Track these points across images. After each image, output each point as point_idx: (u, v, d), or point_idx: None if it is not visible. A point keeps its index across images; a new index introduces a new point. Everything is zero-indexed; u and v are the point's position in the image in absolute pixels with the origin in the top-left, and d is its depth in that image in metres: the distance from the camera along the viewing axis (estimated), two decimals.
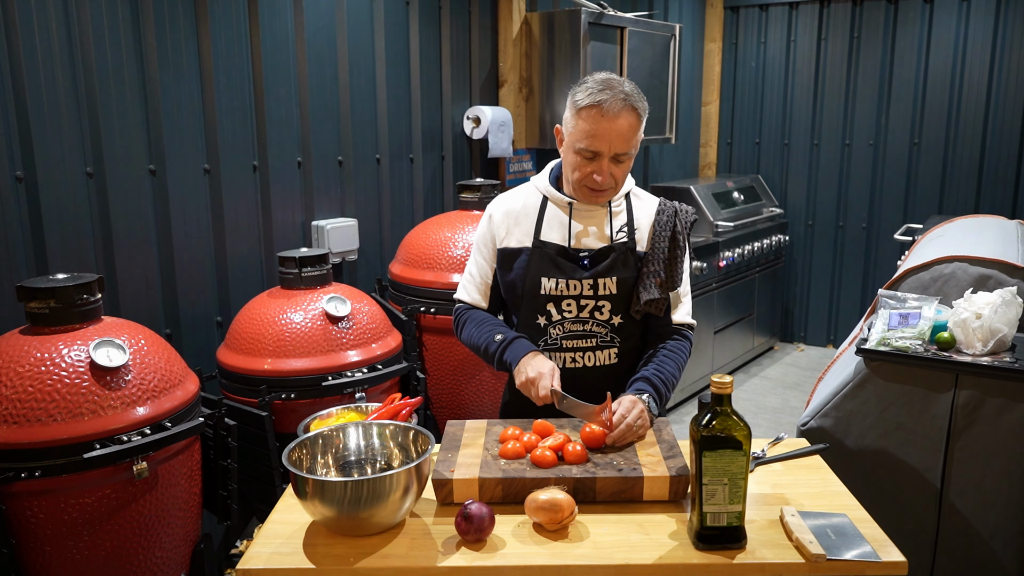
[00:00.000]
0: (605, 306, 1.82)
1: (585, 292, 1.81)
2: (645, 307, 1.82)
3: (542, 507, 1.40)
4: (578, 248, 1.83)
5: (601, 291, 1.81)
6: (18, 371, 1.86)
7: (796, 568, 1.32)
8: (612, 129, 1.71)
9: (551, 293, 1.82)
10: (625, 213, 1.87)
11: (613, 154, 1.74)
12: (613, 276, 1.81)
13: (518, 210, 1.90)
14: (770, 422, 4.39)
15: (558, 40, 3.92)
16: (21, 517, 1.86)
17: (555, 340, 1.84)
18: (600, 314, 1.82)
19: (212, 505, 2.29)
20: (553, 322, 1.83)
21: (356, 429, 1.59)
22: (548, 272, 1.82)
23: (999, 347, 2.16)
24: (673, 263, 1.83)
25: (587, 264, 1.82)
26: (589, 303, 1.82)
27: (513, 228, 1.89)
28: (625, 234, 1.85)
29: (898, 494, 2.30)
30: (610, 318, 1.83)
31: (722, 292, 4.89)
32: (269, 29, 2.88)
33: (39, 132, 2.29)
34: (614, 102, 1.71)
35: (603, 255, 1.82)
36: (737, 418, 1.32)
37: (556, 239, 1.84)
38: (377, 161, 3.38)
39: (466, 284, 1.98)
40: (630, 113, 1.72)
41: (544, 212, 1.87)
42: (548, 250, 1.83)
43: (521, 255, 1.86)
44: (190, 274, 2.73)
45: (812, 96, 5.49)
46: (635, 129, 1.75)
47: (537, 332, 1.85)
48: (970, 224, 3.45)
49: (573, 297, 1.82)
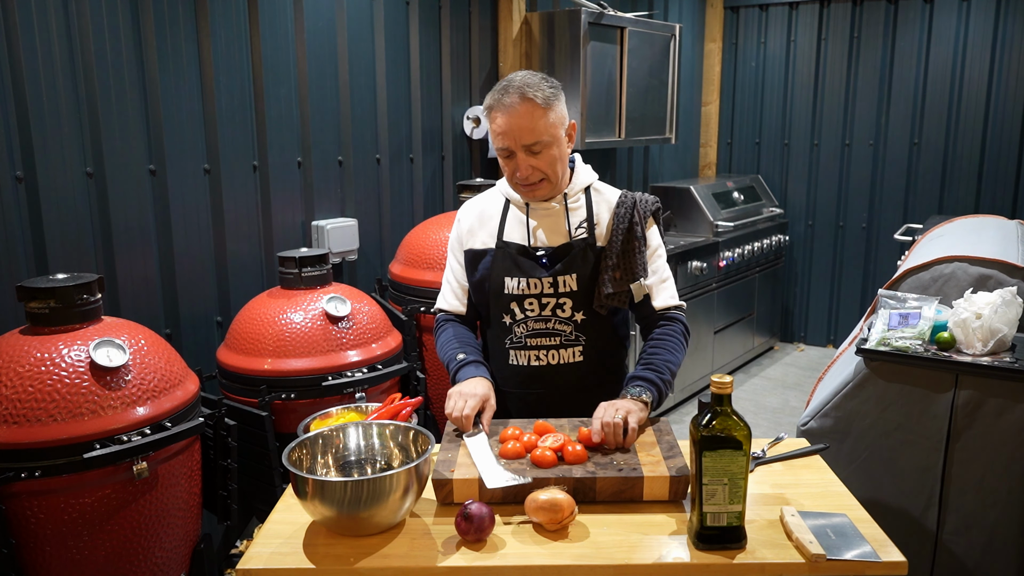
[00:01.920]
0: (566, 303, 1.83)
1: (546, 290, 1.83)
2: (607, 301, 1.82)
3: (542, 507, 1.40)
4: (537, 247, 1.85)
5: (561, 288, 1.82)
6: (18, 371, 1.86)
7: (796, 568, 1.32)
8: (511, 123, 1.72)
9: (514, 292, 1.84)
10: (584, 209, 1.87)
11: (523, 146, 1.74)
12: (572, 273, 1.82)
13: (483, 213, 1.93)
14: (770, 422, 4.39)
15: (558, 40, 3.92)
16: (21, 517, 1.86)
17: (520, 339, 1.86)
18: (562, 311, 1.84)
19: (212, 505, 2.29)
20: (517, 320, 1.85)
21: (356, 429, 1.58)
22: (510, 272, 1.84)
23: (999, 347, 2.16)
24: (630, 254, 1.82)
25: (546, 263, 1.84)
26: (550, 301, 1.83)
27: (478, 230, 1.91)
28: (584, 230, 1.85)
29: (898, 494, 2.30)
30: (572, 315, 1.84)
31: (722, 292, 4.89)
32: (269, 29, 2.88)
33: (39, 132, 2.29)
34: (508, 96, 1.72)
35: (562, 253, 1.84)
36: (737, 418, 1.32)
37: (517, 239, 1.86)
38: (377, 161, 3.38)
39: (444, 292, 2.00)
40: (525, 103, 1.71)
41: (507, 213, 1.90)
42: (510, 250, 1.85)
43: (486, 256, 1.89)
44: (190, 274, 2.73)
45: (812, 96, 5.49)
46: (536, 117, 1.72)
47: (503, 331, 1.88)
48: (970, 224, 3.45)
49: (535, 296, 1.83)
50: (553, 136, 1.76)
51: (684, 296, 4.48)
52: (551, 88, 1.76)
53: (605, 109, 4.12)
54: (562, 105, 1.79)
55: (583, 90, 3.89)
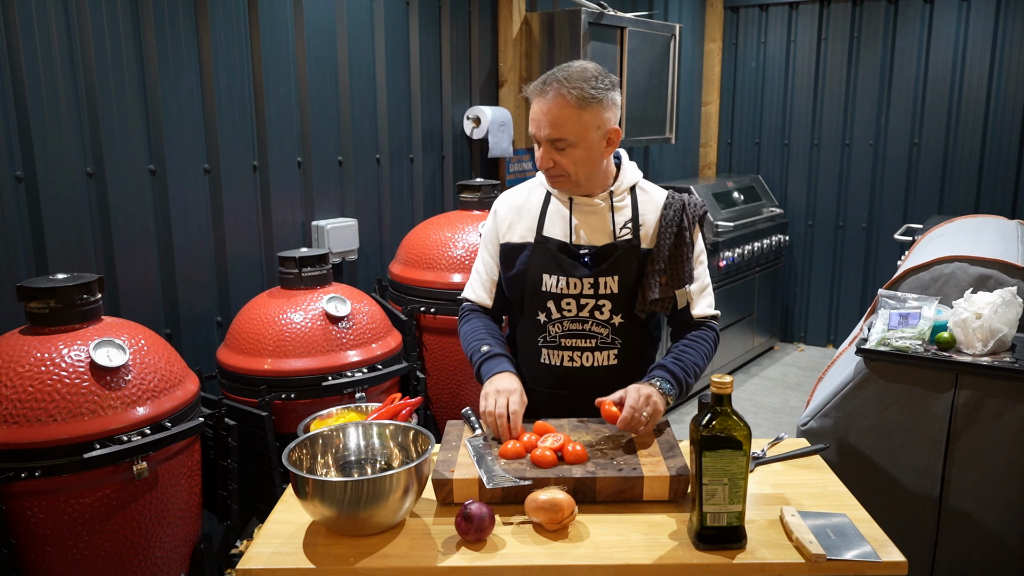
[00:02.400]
0: (606, 305, 1.79)
1: (585, 291, 1.78)
2: (651, 306, 1.79)
3: (542, 507, 1.40)
4: (579, 245, 1.80)
5: (602, 290, 1.78)
6: (18, 371, 1.86)
7: (796, 568, 1.32)
8: (541, 112, 1.71)
9: (551, 291, 1.80)
10: (629, 208, 1.83)
11: (546, 138, 1.72)
12: (615, 275, 1.78)
13: (521, 205, 1.88)
14: (770, 422, 4.39)
15: (558, 40, 3.92)
16: (21, 517, 1.86)
17: (554, 338, 1.82)
18: (600, 313, 1.79)
19: (212, 505, 2.29)
20: (552, 320, 1.81)
21: (356, 429, 1.58)
22: (550, 269, 1.80)
23: (999, 347, 2.16)
24: (678, 260, 1.80)
25: (588, 263, 1.79)
26: (589, 302, 1.79)
27: (516, 223, 1.86)
28: (629, 231, 1.80)
29: (898, 494, 2.30)
30: (610, 318, 1.80)
31: (722, 292, 4.89)
32: (269, 29, 2.88)
33: (39, 132, 2.29)
34: (546, 86, 1.71)
35: (606, 253, 1.79)
36: (737, 418, 1.32)
37: (558, 235, 1.81)
38: (377, 161, 3.38)
39: (472, 282, 1.95)
40: (558, 98, 1.68)
41: (547, 207, 1.84)
42: (550, 246, 1.80)
43: (524, 251, 1.84)
44: (190, 274, 2.73)
45: (812, 96, 5.49)
46: (565, 115, 1.68)
47: (537, 329, 1.84)
48: (970, 224, 3.45)
49: (573, 296, 1.79)
50: (581, 137, 1.70)
51: None
52: (595, 88, 1.69)
53: None
54: (605, 108, 1.71)
55: None
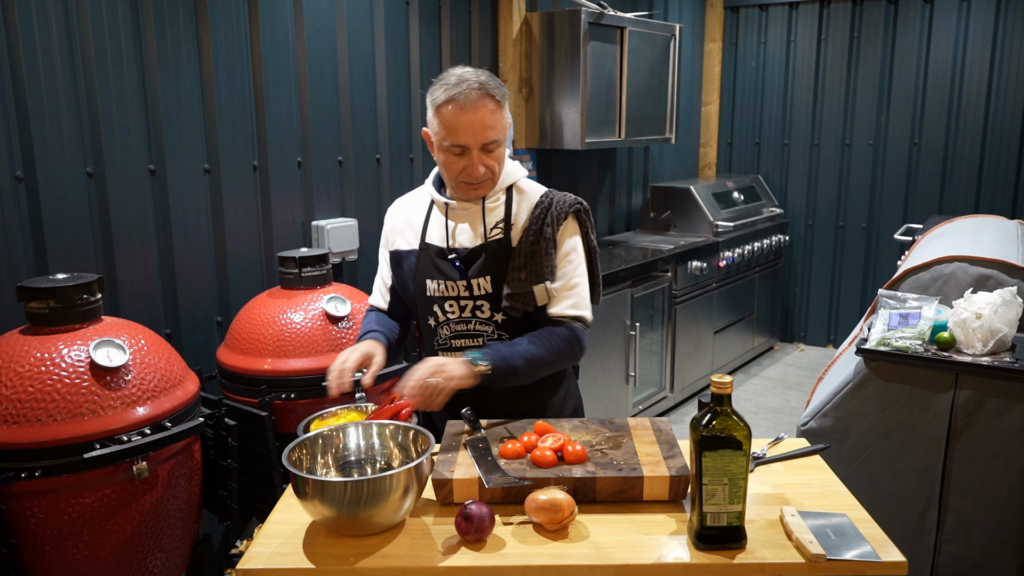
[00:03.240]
0: (483, 305, 1.82)
1: (462, 293, 1.81)
2: (509, 301, 1.78)
3: (542, 507, 1.40)
4: (455, 248, 1.83)
5: (476, 291, 1.80)
6: (18, 371, 1.86)
7: (796, 568, 1.32)
8: (473, 120, 1.70)
9: (434, 295, 1.83)
10: (503, 208, 1.83)
11: (480, 144, 1.72)
12: (487, 275, 1.80)
13: (409, 213, 1.92)
14: (770, 422, 4.39)
15: (558, 40, 3.92)
16: (21, 517, 1.86)
17: (445, 340, 1.86)
18: (481, 312, 1.82)
19: (212, 505, 2.29)
20: (440, 323, 1.85)
21: (356, 429, 1.58)
22: (431, 274, 1.83)
23: (999, 347, 2.16)
24: (537, 255, 1.77)
25: (459, 265, 1.82)
26: (468, 303, 1.82)
27: (404, 230, 1.91)
28: (500, 230, 1.81)
29: (898, 494, 2.30)
30: (491, 316, 1.82)
31: (722, 292, 4.89)
32: (269, 29, 2.88)
33: (39, 132, 2.29)
34: (469, 93, 1.69)
35: (475, 255, 1.81)
36: (737, 418, 1.32)
37: (437, 241, 1.85)
38: (377, 161, 3.38)
39: (374, 289, 2.03)
40: (488, 101, 1.70)
41: (430, 214, 1.88)
42: (430, 252, 1.84)
43: (410, 257, 1.88)
44: (190, 274, 2.73)
45: (812, 96, 5.49)
46: (496, 116, 1.73)
47: (429, 332, 1.88)
48: (970, 224, 3.46)
49: (453, 298, 1.82)
50: (504, 135, 1.77)
51: (684, 296, 4.49)
52: (502, 87, 1.76)
53: (605, 109, 4.12)
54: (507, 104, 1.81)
55: (583, 90, 3.89)
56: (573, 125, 3.95)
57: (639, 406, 4.27)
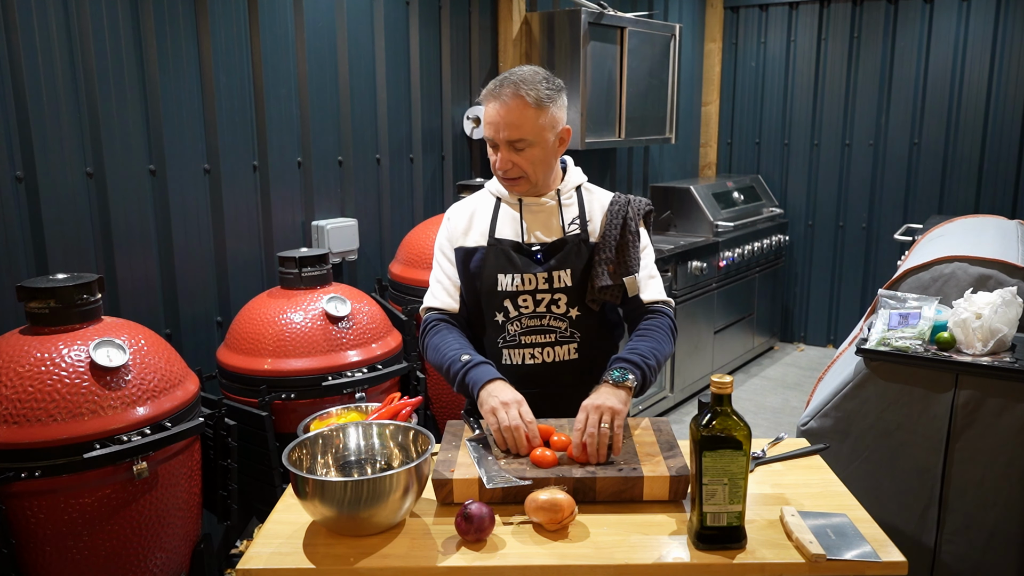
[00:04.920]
0: (561, 299, 1.83)
1: (540, 286, 1.83)
2: (600, 295, 1.82)
3: (542, 507, 1.40)
4: (531, 243, 1.85)
5: (556, 284, 1.83)
6: (18, 371, 1.86)
7: (796, 568, 1.32)
8: (500, 115, 1.74)
9: (507, 289, 1.83)
10: (576, 206, 1.89)
11: (506, 140, 1.75)
12: (567, 268, 1.83)
13: (473, 211, 1.93)
14: (770, 422, 4.39)
15: (558, 40, 3.92)
16: (21, 517, 1.86)
17: (513, 336, 1.85)
18: (557, 307, 1.84)
19: (212, 505, 2.29)
20: (511, 318, 1.85)
21: (356, 429, 1.58)
22: (504, 268, 1.84)
23: (999, 347, 2.16)
24: (624, 248, 1.84)
25: (540, 258, 1.84)
26: (545, 297, 1.83)
27: (470, 229, 1.91)
28: (577, 226, 1.86)
29: (898, 494, 2.30)
30: (567, 311, 1.84)
31: (722, 292, 4.89)
32: (269, 29, 2.88)
33: (39, 132, 2.29)
34: (502, 89, 1.73)
35: (556, 248, 1.84)
36: (737, 418, 1.32)
37: (510, 235, 1.86)
38: (377, 161, 3.38)
39: (434, 291, 1.92)
40: (516, 99, 1.72)
41: (498, 211, 1.90)
42: (503, 247, 1.85)
43: (477, 253, 1.88)
44: (190, 274, 2.73)
45: (812, 96, 5.49)
46: (524, 116, 1.72)
47: (496, 330, 1.87)
48: (970, 224, 3.45)
49: (529, 292, 1.83)
50: (539, 137, 1.76)
51: (684, 296, 4.49)
52: (549, 89, 1.75)
53: (605, 109, 4.12)
54: (558, 108, 1.77)
55: (583, 90, 3.89)
56: (573, 125, 3.95)
57: (639, 406, 4.27)
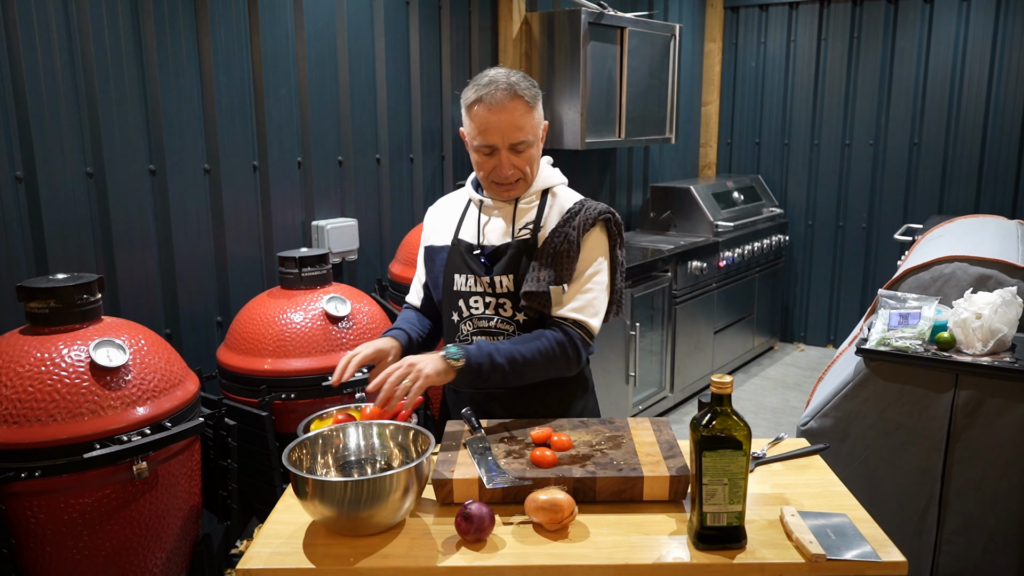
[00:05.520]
0: (506, 303, 1.82)
1: (486, 289, 1.82)
2: (526, 299, 1.76)
3: (542, 507, 1.40)
4: (483, 245, 1.85)
5: (499, 288, 1.80)
6: (18, 371, 1.85)
7: (796, 568, 1.32)
8: (500, 121, 1.72)
9: (461, 289, 1.84)
10: (535, 210, 1.84)
11: (508, 145, 1.74)
12: (509, 273, 1.80)
13: (446, 211, 1.95)
14: (770, 422, 4.39)
15: (558, 40, 3.92)
16: (21, 517, 1.86)
17: (466, 336, 1.85)
18: (504, 311, 1.82)
19: (212, 505, 2.29)
20: (463, 318, 1.85)
21: (356, 429, 1.58)
22: (459, 268, 1.85)
23: (999, 347, 2.16)
24: (560, 258, 1.76)
25: (484, 262, 1.83)
26: (492, 300, 1.82)
27: (440, 228, 1.93)
28: (529, 231, 1.82)
29: (898, 494, 2.30)
30: (513, 315, 1.81)
31: (722, 292, 4.89)
32: (269, 29, 2.88)
33: (39, 132, 2.29)
34: (497, 93, 1.71)
35: (500, 252, 1.82)
36: (737, 418, 1.32)
37: (468, 237, 1.87)
38: (377, 161, 3.38)
39: (412, 288, 2.05)
40: (515, 101, 1.72)
41: (466, 212, 1.91)
42: (461, 248, 1.86)
43: (442, 253, 1.90)
44: (190, 274, 2.73)
45: (812, 96, 5.49)
46: (525, 116, 1.73)
47: (452, 329, 1.88)
48: (970, 224, 3.46)
49: (479, 294, 1.83)
50: (536, 136, 1.77)
51: (684, 296, 4.49)
52: (535, 88, 1.77)
53: (605, 109, 4.12)
54: (542, 105, 1.80)
55: (583, 90, 3.89)
56: (573, 125, 3.95)
57: (639, 406, 4.27)
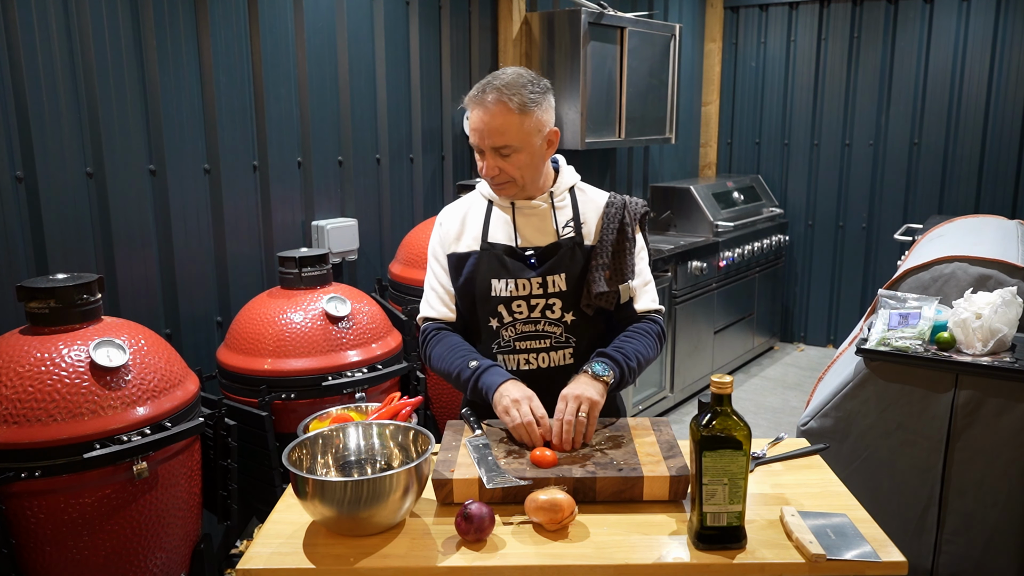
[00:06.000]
0: (556, 304, 1.80)
1: (535, 291, 1.79)
2: (596, 300, 1.78)
3: (542, 507, 1.40)
4: (525, 247, 1.81)
5: (551, 288, 1.79)
6: (18, 371, 1.86)
7: (796, 568, 1.32)
8: (484, 122, 1.71)
9: (501, 295, 1.80)
10: (570, 208, 1.84)
11: (491, 147, 1.72)
12: (562, 272, 1.79)
13: (465, 215, 1.89)
14: (770, 422, 4.39)
15: (558, 40, 3.92)
16: (21, 517, 1.86)
17: (508, 342, 1.82)
18: (551, 312, 1.80)
19: (212, 505, 2.29)
20: (505, 324, 1.81)
21: (356, 429, 1.58)
22: (498, 273, 1.80)
23: (999, 347, 2.16)
24: (621, 255, 1.80)
25: (534, 263, 1.80)
26: (539, 302, 1.80)
27: (462, 233, 1.87)
28: (572, 229, 1.82)
29: (898, 494, 2.30)
30: (562, 316, 1.80)
31: (722, 292, 4.89)
32: (269, 29, 2.88)
33: (39, 132, 2.29)
34: (485, 95, 1.70)
35: (550, 252, 1.80)
36: (737, 418, 1.32)
37: (503, 239, 1.83)
38: (377, 161, 3.38)
39: (430, 300, 1.91)
40: (499, 105, 1.69)
41: (490, 215, 1.86)
42: (496, 251, 1.81)
43: (470, 258, 1.84)
44: (190, 274, 2.73)
45: (812, 96, 5.49)
46: (508, 122, 1.69)
47: (490, 336, 1.83)
48: (970, 224, 3.46)
49: (523, 297, 1.79)
50: (524, 143, 1.72)
51: (684, 296, 4.49)
52: (534, 93, 1.71)
53: (605, 109, 4.12)
54: (543, 111, 1.74)
55: (583, 90, 3.89)
56: (573, 125, 3.95)
57: (639, 406, 4.27)
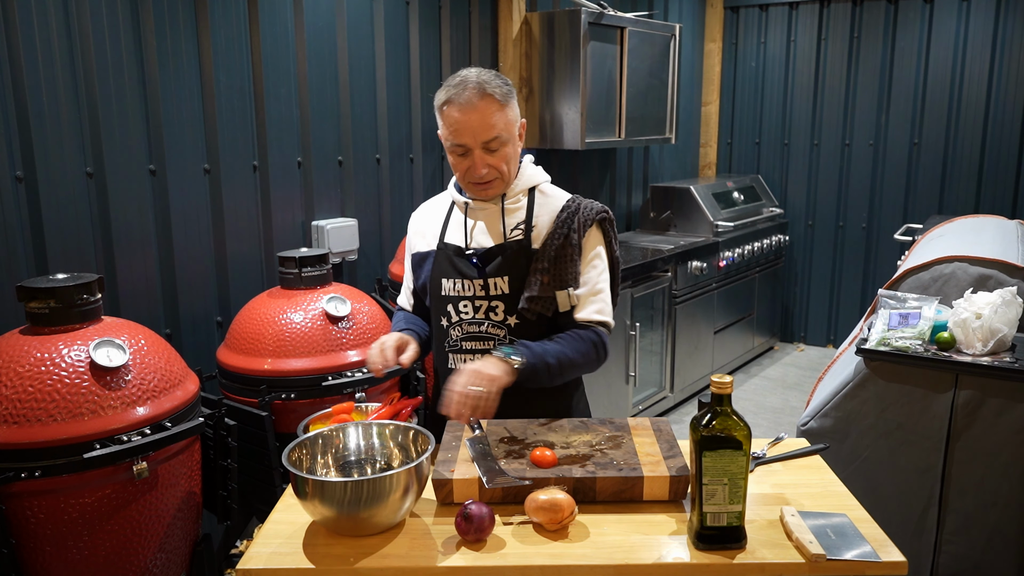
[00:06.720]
0: (498, 306, 1.79)
1: (478, 292, 1.79)
2: (530, 304, 1.76)
3: (542, 507, 1.40)
4: (472, 247, 1.82)
5: (492, 291, 1.78)
6: (18, 371, 1.85)
7: (796, 568, 1.32)
8: (471, 120, 1.70)
9: (449, 294, 1.81)
10: (524, 210, 1.82)
11: (481, 144, 1.72)
12: (504, 275, 1.78)
13: (431, 215, 1.92)
14: (770, 422, 4.39)
15: (558, 40, 3.92)
16: (21, 517, 1.86)
17: (456, 342, 1.83)
18: (495, 315, 1.79)
19: (212, 505, 2.29)
20: (453, 323, 1.83)
21: (356, 429, 1.58)
22: (447, 273, 1.82)
23: (999, 347, 2.16)
24: (563, 261, 1.76)
25: (477, 263, 1.80)
26: (483, 304, 1.80)
27: (425, 232, 1.91)
28: (521, 232, 1.80)
29: (898, 494, 2.30)
30: (505, 319, 1.79)
31: (722, 292, 4.89)
32: (269, 29, 2.88)
33: (39, 132, 2.29)
34: (465, 92, 1.70)
35: (494, 254, 1.80)
36: (737, 418, 1.32)
37: (456, 240, 1.84)
38: (377, 161, 3.38)
39: (403, 292, 2.02)
40: (484, 99, 1.70)
41: (451, 215, 1.88)
42: (448, 251, 1.84)
43: (429, 258, 1.87)
44: (190, 274, 2.73)
45: (812, 96, 5.49)
46: (496, 114, 1.71)
47: (441, 334, 1.85)
48: (970, 224, 3.46)
49: (468, 298, 1.80)
50: (510, 134, 1.75)
51: (684, 296, 4.49)
52: (506, 85, 1.75)
53: (605, 109, 4.12)
54: (516, 103, 1.78)
55: (583, 90, 3.89)
56: (573, 125, 3.95)
57: (639, 406, 4.27)
